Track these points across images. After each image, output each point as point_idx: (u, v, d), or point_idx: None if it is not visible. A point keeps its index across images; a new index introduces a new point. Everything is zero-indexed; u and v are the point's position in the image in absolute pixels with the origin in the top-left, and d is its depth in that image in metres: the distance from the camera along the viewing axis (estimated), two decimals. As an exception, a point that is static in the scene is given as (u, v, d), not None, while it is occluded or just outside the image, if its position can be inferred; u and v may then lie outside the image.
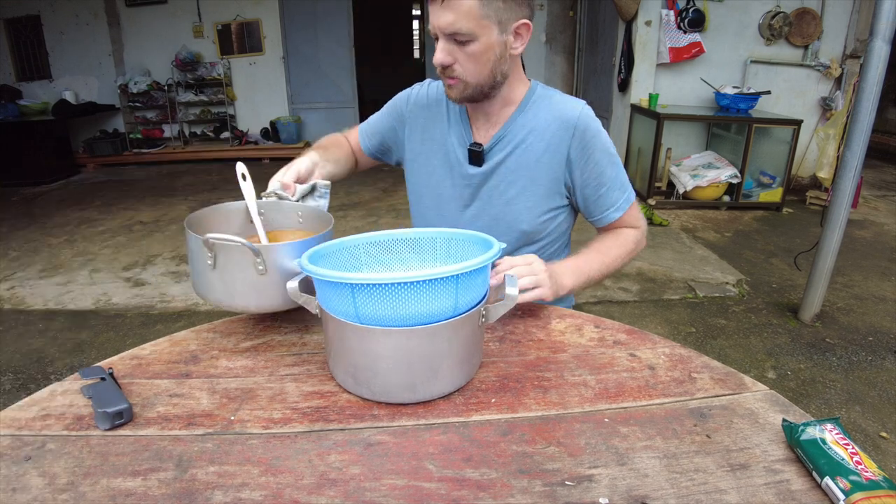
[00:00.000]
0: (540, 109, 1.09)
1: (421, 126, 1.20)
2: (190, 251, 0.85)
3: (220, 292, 0.83)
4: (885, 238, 3.90)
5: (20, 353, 2.45)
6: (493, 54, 0.97)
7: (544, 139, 1.08)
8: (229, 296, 0.83)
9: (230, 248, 0.79)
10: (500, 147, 1.11)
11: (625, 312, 2.80)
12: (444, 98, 1.17)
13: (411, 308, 0.67)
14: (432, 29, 0.96)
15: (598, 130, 1.08)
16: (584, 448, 0.66)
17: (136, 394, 0.76)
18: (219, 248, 0.79)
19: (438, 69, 1.00)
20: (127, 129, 6.47)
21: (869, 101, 2.32)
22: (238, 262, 0.80)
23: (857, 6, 4.54)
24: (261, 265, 0.79)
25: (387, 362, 0.71)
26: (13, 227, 4.19)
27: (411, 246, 0.88)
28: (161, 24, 6.21)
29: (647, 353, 0.86)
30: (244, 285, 0.82)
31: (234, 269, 0.81)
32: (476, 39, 0.94)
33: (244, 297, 0.83)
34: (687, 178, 4.41)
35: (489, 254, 0.72)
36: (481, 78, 1.00)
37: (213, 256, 0.79)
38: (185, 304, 2.90)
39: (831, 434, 0.62)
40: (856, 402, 2.08)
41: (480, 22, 0.93)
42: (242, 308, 0.85)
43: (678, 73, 4.68)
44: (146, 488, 0.60)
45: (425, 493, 0.59)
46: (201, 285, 0.85)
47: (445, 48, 0.96)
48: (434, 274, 0.65)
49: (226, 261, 0.80)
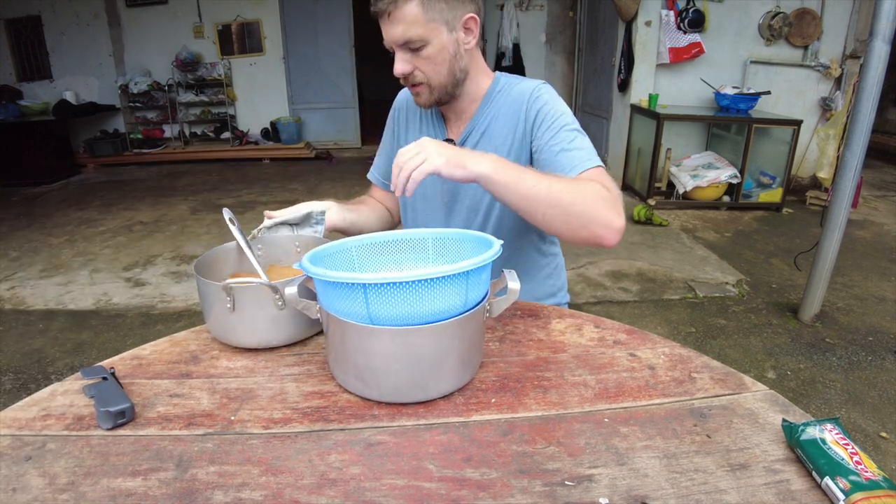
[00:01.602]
0: (502, 97, 1.11)
1: (404, 132, 1.24)
2: (204, 297, 0.87)
3: (242, 333, 0.86)
4: (885, 238, 3.90)
5: (21, 353, 2.45)
6: (448, 53, 1.01)
7: (507, 123, 1.09)
8: (251, 334, 0.86)
9: (248, 289, 0.82)
10: (470, 140, 1.13)
11: (625, 312, 2.80)
12: None
13: (425, 306, 0.68)
14: (387, 44, 1.00)
15: (550, 99, 1.06)
16: (584, 448, 0.66)
17: (137, 394, 0.76)
18: (237, 291, 0.81)
19: (402, 80, 1.04)
20: (127, 130, 6.47)
21: (869, 102, 2.32)
22: (257, 301, 0.82)
23: (857, 6, 4.54)
24: (279, 301, 0.81)
25: (399, 362, 0.71)
26: (13, 227, 4.19)
27: (402, 247, 0.88)
28: (161, 25, 6.21)
29: (647, 353, 0.86)
30: (265, 322, 0.85)
31: (254, 308, 0.83)
32: (429, 43, 0.98)
33: (266, 332, 0.86)
34: (687, 179, 4.41)
35: (493, 250, 0.73)
36: (442, 78, 1.03)
37: (231, 300, 0.81)
38: (186, 304, 2.90)
39: (831, 434, 0.62)
40: (856, 403, 2.08)
41: (427, 26, 0.96)
42: (265, 344, 0.87)
43: (678, 74, 4.68)
44: (146, 488, 0.60)
45: (425, 493, 0.59)
46: (220, 328, 0.87)
47: (402, 58, 1.00)
48: (447, 271, 0.66)
49: (245, 302, 0.82)
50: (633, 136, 4.85)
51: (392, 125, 1.27)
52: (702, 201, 4.45)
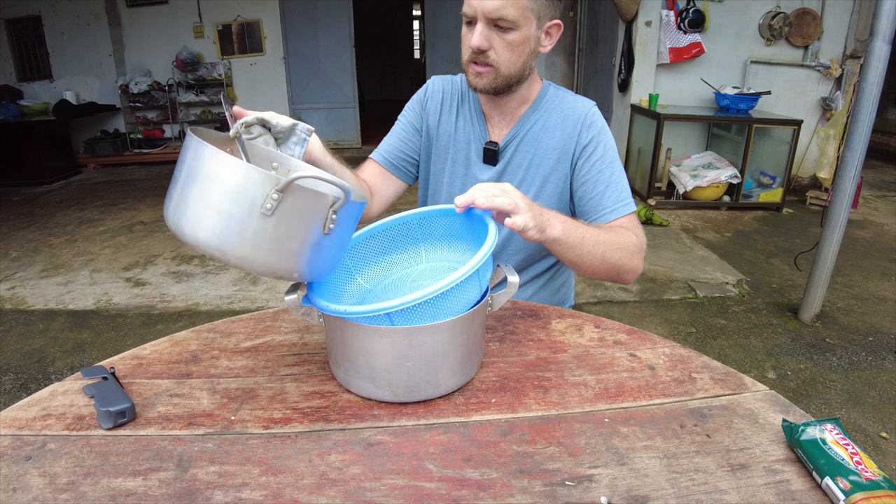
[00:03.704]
0: (552, 108, 1.09)
1: (436, 120, 1.17)
2: (234, 193, 0.61)
3: (268, 250, 0.63)
4: (885, 238, 3.90)
5: (21, 353, 2.45)
6: (528, 47, 0.98)
7: (556, 136, 1.08)
8: (276, 255, 0.64)
9: (306, 192, 0.62)
10: (514, 145, 1.10)
11: (625, 312, 2.80)
12: (458, 94, 1.16)
13: (448, 308, 0.70)
14: (472, 10, 0.94)
15: (603, 128, 1.07)
16: (584, 448, 0.66)
17: (137, 394, 0.76)
18: (291, 192, 0.61)
19: (471, 53, 0.97)
20: (128, 130, 6.46)
21: (869, 102, 2.32)
22: (306, 213, 0.63)
23: (857, 6, 4.54)
24: (332, 223, 0.65)
25: (412, 361, 0.71)
26: (14, 227, 4.19)
27: (391, 234, 0.90)
28: (162, 25, 6.21)
29: (647, 353, 0.86)
30: (302, 245, 0.65)
31: (299, 222, 0.63)
32: (517, 28, 0.95)
33: (296, 259, 0.65)
34: (687, 179, 4.41)
35: (490, 239, 0.73)
36: (513, 69, 0.99)
37: (277, 200, 0.60)
38: (186, 304, 2.90)
39: (831, 434, 0.62)
40: (856, 403, 2.08)
41: (525, 12, 0.93)
42: (283, 273, 0.66)
43: (678, 74, 4.68)
44: (146, 488, 0.60)
45: (425, 493, 0.59)
46: (239, 235, 0.62)
47: (484, 33, 0.95)
48: (464, 274, 0.67)
49: (292, 210, 0.62)
50: (634, 136, 4.85)
51: (418, 109, 1.18)
52: (702, 201, 4.45)
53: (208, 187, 0.61)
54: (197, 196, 0.62)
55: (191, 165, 0.62)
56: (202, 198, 0.61)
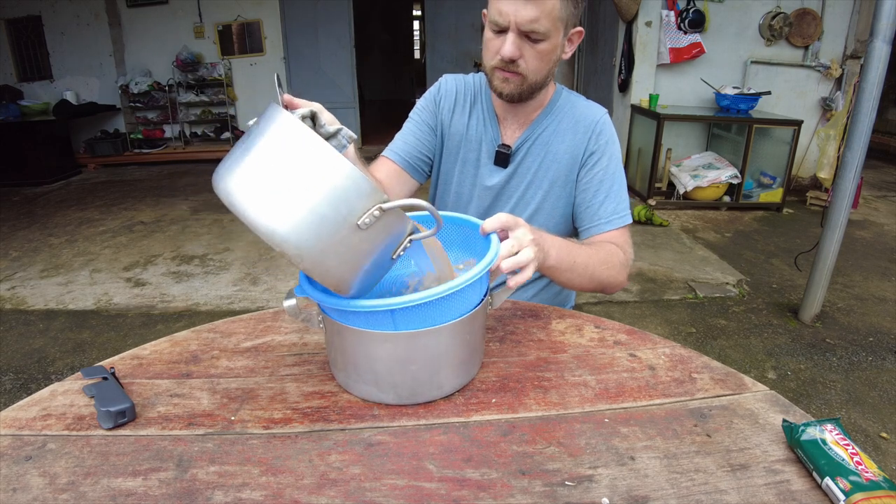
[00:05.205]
0: (564, 113, 1.09)
1: (449, 118, 1.16)
2: (336, 197, 0.58)
3: (343, 260, 0.62)
4: (885, 238, 3.90)
5: (21, 353, 2.45)
6: (555, 54, 0.98)
7: (567, 141, 1.08)
8: (347, 267, 0.62)
9: (400, 217, 0.62)
10: (525, 149, 1.10)
11: (625, 313, 2.80)
12: (472, 95, 1.15)
13: (450, 315, 0.70)
14: (504, 20, 0.92)
15: (612, 138, 1.08)
16: (585, 448, 0.66)
17: (137, 394, 0.76)
18: (390, 213, 0.60)
19: (500, 60, 0.97)
20: (128, 130, 6.47)
21: (869, 102, 2.32)
22: (389, 237, 0.63)
23: (857, 6, 4.54)
24: (403, 250, 0.65)
25: (416, 364, 0.71)
26: (14, 227, 4.19)
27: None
28: (162, 25, 6.21)
29: (647, 353, 0.86)
30: (372, 264, 0.64)
31: (381, 243, 0.63)
32: (548, 39, 0.94)
33: (359, 275, 0.64)
34: (687, 179, 4.40)
35: (493, 247, 0.74)
36: (540, 76, 1.00)
37: (377, 218, 0.59)
38: (186, 305, 2.90)
39: (831, 434, 0.62)
40: (856, 403, 2.08)
41: (556, 23, 0.93)
42: (338, 283, 0.63)
43: (678, 74, 4.68)
44: (147, 488, 0.60)
45: (425, 494, 0.59)
46: (325, 239, 0.59)
47: (516, 42, 0.94)
48: (473, 276, 0.67)
49: (381, 229, 0.62)
50: (634, 136, 4.85)
51: (431, 107, 1.17)
52: (702, 201, 4.45)
53: (307, 182, 0.57)
54: (289, 187, 0.57)
55: (287, 152, 0.58)
56: (296, 191, 0.57)
